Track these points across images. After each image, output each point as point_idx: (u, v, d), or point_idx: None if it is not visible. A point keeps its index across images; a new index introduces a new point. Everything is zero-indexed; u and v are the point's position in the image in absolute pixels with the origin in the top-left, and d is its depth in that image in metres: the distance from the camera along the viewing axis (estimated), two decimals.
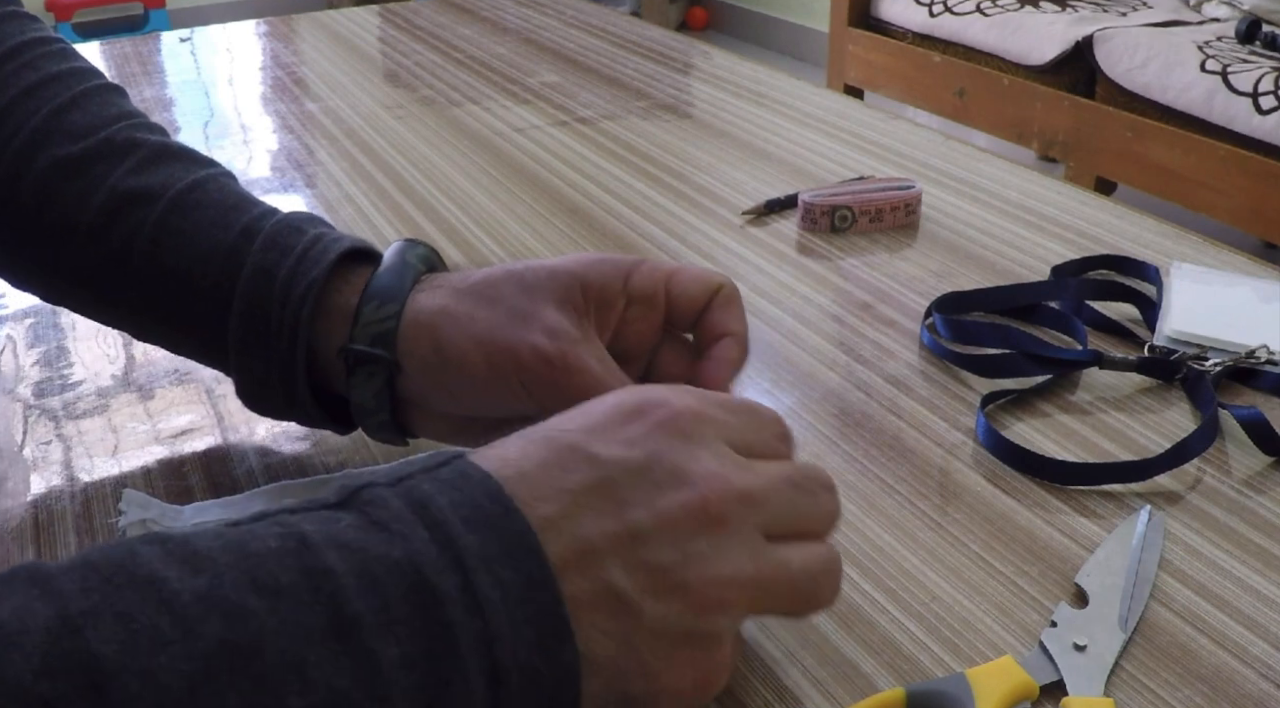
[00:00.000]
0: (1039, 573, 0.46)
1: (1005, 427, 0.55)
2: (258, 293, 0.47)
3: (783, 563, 0.36)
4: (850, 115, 1.02)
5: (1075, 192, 0.85)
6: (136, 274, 0.50)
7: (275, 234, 0.49)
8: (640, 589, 0.34)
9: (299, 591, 0.30)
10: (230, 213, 0.50)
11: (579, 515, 0.34)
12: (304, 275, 0.47)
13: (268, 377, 0.48)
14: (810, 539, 0.38)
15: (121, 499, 0.49)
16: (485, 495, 0.34)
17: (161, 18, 4.29)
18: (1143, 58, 2.29)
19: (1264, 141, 2.07)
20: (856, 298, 0.69)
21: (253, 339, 0.48)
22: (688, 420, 0.37)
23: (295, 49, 1.29)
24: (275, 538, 0.31)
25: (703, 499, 0.35)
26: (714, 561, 0.35)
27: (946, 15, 2.75)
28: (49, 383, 0.61)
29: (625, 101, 1.07)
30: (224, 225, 0.49)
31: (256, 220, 0.50)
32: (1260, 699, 0.40)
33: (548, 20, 1.37)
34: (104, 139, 0.52)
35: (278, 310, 0.47)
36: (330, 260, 0.47)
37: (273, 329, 0.47)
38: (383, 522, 0.32)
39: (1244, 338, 0.60)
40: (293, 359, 0.47)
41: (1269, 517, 0.49)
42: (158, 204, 0.50)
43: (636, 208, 0.82)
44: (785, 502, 0.37)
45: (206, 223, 0.49)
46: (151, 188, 0.50)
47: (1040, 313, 0.65)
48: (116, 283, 0.51)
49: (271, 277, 0.47)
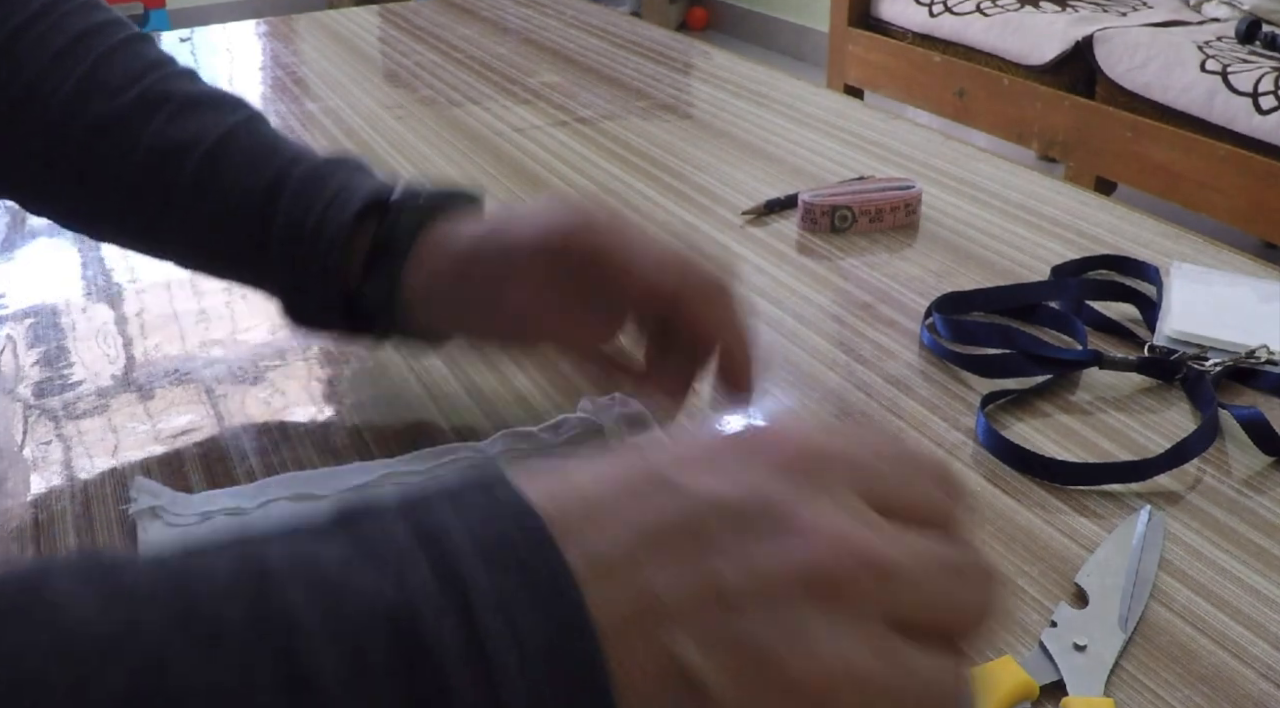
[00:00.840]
0: (1039, 573, 0.46)
1: (1005, 427, 0.55)
2: (290, 245, 0.53)
3: (909, 668, 0.27)
4: (850, 115, 1.02)
5: (1075, 192, 0.85)
6: (178, 223, 0.55)
7: (300, 189, 0.53)
8: (718, 670, 0.26)
9: (241, 636, 0.24)
10: (259, 163, 0.54)
11: (647, 561, 0.27)
12: (329, 232, 0.52)
13: (310, 308, 0.55)
14: (945, 641, 0.28)
15: (132, 486, 0.50)
16: (517, 527, 0.26)
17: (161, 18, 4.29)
18: (1143, 58, 2.29)
19: (1264, 141, 2.07)
20: (856, 298, 0.69)
21: (292, 283, 0.54)
22: (813, 459, 0.29)
23: (295, 49, 1.29)
24: (228, 569, 0.25)
25: (817, 560, 0.27)
26: (822, 643, 0.26)
27: (946, 15, 2.75)
28: (49, 383, 0.61)
29: (625, 101, 1.07)
30: (255, 174, 0.54)
31: (286, 168, 0.54)
32: (1260, 699, 0.40)
33: (548, 20, 1.37)
34: (138, 95, 0.55)
35: (309, 259, 0.53)
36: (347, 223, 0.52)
37: (308, 272, 0.53)
38: (378, 554, 0.26)
39: (1244, 338, 0.60)
40: (328, 295, 0.53)
41: (1269, 517, 0.49)
42: (192, 156, 0.54)
43: (636, 208, 0.82)
44: (929, 585, 0.28)
45: (238, 175, 0.54)
46: (184, 142, 0.54)
47: (1040, 313, 0.65)
48: (159, 230, 0.57)
49: (301, 227, 0.53)
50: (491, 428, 0.55)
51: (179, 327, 0.66)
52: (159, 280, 0.72)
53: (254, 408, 0.58)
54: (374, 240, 0.53)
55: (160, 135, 0.54)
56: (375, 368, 0.61)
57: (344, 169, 0.55)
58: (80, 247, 0.78)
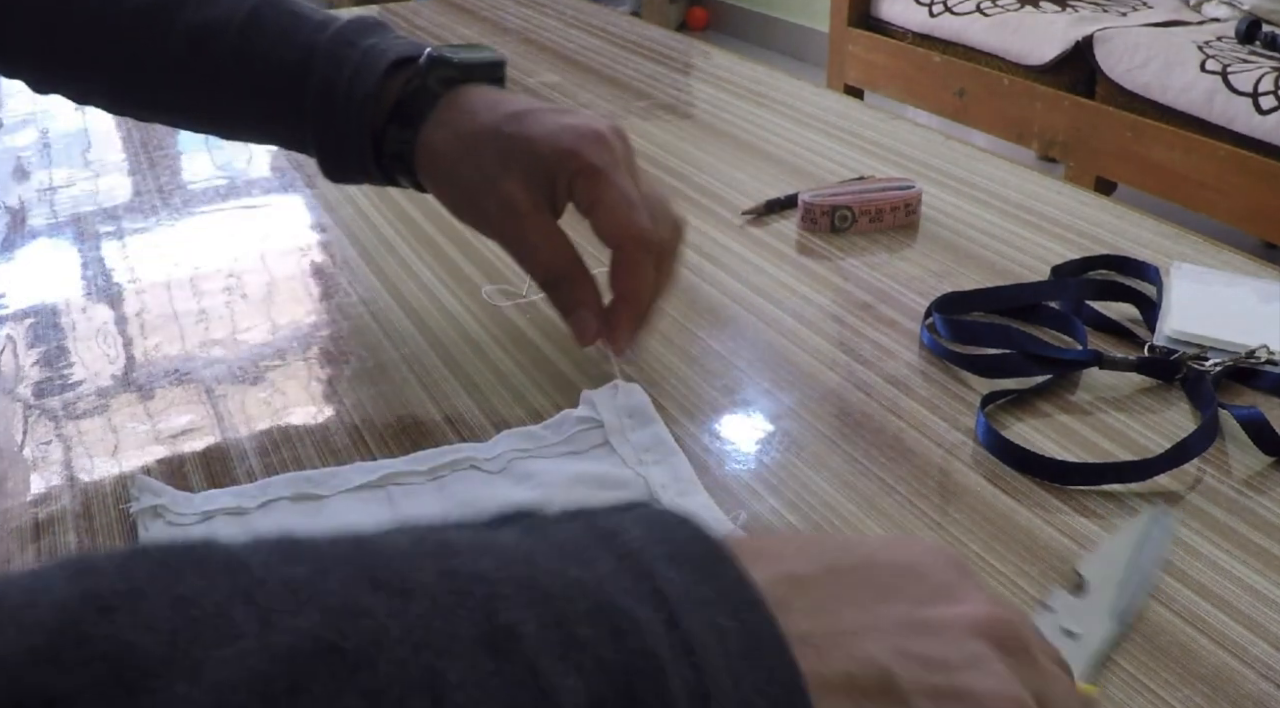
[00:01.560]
0: (1039, 573, 0.46)
1: (1005, 427, 0.55)
2: (325, 102, 0.58)
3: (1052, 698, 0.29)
4: (850, 115, 1.02)
5: (1075, 191, 0.85)
6: (221, 95, 0.61)
7: (332, 49, 0.59)
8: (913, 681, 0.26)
9: (436, 592, 0.22)
10: (289, 33, 0.60)
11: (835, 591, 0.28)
12: (360, 88, 0.58)
13: (346, 163, 0.60)
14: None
15: (133, 485, 0.50)
16: (690, 536, 0.27)
17: None
18: (1143, 58, 2.29)
19: (1264, 141, 2.07)
20: (856, 298, 0.69)
21: (330, 138, 0.59)
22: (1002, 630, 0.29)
23: None
24: (407, 540, 0.24)
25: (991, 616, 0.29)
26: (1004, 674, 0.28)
27: (946, 15, 2.75)
28: (49, 383, 0.61)
29: (625, 101, 1.07)
30: (286, 43, 0.59)
31: (314, 35, 0.60)
32: (1260, 699, 0.40)
33: (548, 20, 1.37)
34: None
35: (342, 116, 0.58)
36: (379, 72, 0.58)
37: (341, 130, 0.59)
38: (556, 541, 0.26)
39: (1244, 338, 0.60)
40: (364, 149, 0.59)
41: (1269, 517, 0.49)
42: (228, 32, 0.60)
43: None
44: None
45: (273, 43, 0.60)
46: (219, 19, 0.60)
47: (1040, 313, 0.65)
48: (203, 104, 0.63)
49: (333, 87, 0.58)
50: (492, 428, 0.55)
51: (179, 327, 0.66)
52: (159, 280, 0.72)
53: (254, 408, 0.58)
54: (402, 93, 0.58)
55: (195, 16, 0.60)
56: (375, 368, 0.61)
57: (372, 31, 0.61)
58: (80, 247, 0.78)
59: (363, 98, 0.58)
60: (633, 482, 0.51)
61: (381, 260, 0.74)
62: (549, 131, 0.55)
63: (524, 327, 0.65)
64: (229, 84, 0.61)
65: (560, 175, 0.55)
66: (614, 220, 0.54)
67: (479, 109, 0.58)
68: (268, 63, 0.59)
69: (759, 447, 0.55)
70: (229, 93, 0.61)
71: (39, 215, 0.83)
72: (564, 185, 0.55)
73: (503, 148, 0.56)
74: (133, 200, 0.85)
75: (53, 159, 0.93)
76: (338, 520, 0.48)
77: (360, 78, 0.58)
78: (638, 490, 0.50)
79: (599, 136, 0.55)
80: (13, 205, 0.85)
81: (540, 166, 0.55)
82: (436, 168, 0.58)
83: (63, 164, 0.92)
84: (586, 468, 0.52)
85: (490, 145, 0.56)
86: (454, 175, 0.57)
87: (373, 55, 0.59)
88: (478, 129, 0.57)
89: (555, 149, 0.55)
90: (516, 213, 0.55)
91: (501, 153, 0.55)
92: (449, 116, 0.58)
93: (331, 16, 0.62)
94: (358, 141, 0.59)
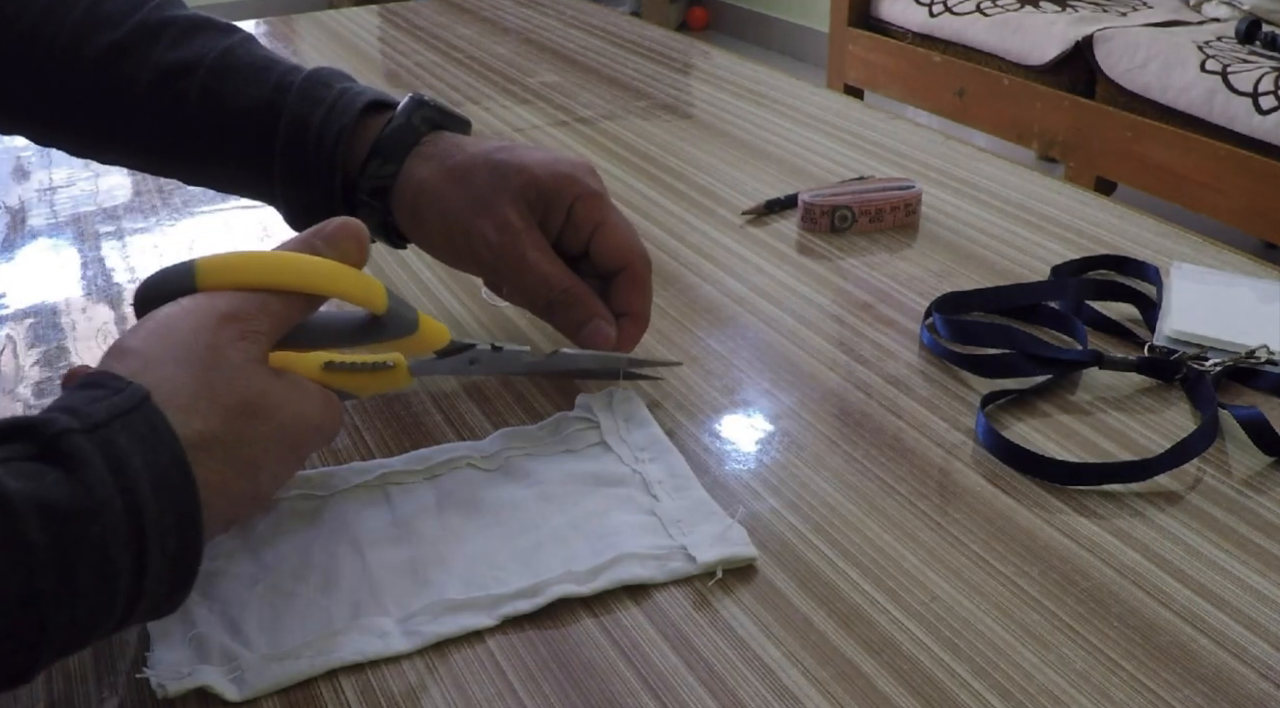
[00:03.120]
0: (1039, 573, 0.46)
1: (1005, 427, 0.55)
2: (296, 138, 0.58)
3: None
4: (850, 115, 1.02)
5: (1075, 191, 0.85)
6: (188, 135, 0.60)
7: (306, 88, 0.58)
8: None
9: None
10: (261, 73, 0.59)
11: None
12: (335, 123, 0.57)
13: (311, 203, 0.59)
14: None
15: None
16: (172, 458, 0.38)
17: None
18: (1143, 58, 2.29)
19: (1264, 141, 2.07)
20: (856, 298, 0.69)
21: (297, 176, 0.58)
22: None
23: (295, 49, 1.29)
24: None
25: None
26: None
27: (946, 15, 2.75)
28: (49, 383, 0.61)
29: (625, 101, 1.07)
30: (258, 82, 0.59)
31: (286, 76, 0.59)
32: (1260, 699, 0.40)
33: (548, 20, 1.37)
34: (139, 22, 0.60)
35: (314, 152, 0.57)
36: (356, 111, 0.58)
37: (311, 167, 0.58)
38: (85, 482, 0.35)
39: (1244, 338, 0.60)
40: (331, 188, 0.58)
41: (1269, 517, 0.49)
42: (198, 72, 0.59)
43: (636, 208, 0.82)
44: None
45: (242, 83, 0.59)
46: (189, 60, 0.59)
47: (1040, 313, 0.65)
48: (169, 145, 0.62)
49: (306, 125, 0.58)
50: (491, 429, 0.55)
51: None
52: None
53: None
54: (380, 134, 0.58)
55: (165, 57, 0.59)
56: None
57: (343, 77, 0.61)
58: (80, 247, 0.78)
59: (338, 132, 0.57)
60: (629, 478, 0.51)
61: (381, 260, 0.74)
62: (543, 161, 0.57)
63: (524, 327, 0.65)
64: (198, 122, 0.60)
65: (559, 199, 0.56)
66: (620, 240, 0.57)
67: (465, 144, 0.58)
68: (239, 101, 0.59)
69: (759, 447, 0.55)
70: (198, 131, 0.60)
71: (39, 215, 0.83)
72: (561, 209, 0.56)
73: (496, 174, 0.56)
74: (133, 200, 0.85)
75: (53, 159, 0.93)
76: (337, 521, 0.49)
77: (335, 115, 0.58)
78: (634, 487, 0.50)
79: (590, 168, 0.58)
80: (13, 205, 0.85)
81: (538, 190, 0.56)
82: (421, 200, 0.57)
83: (63, 164, 0.92)
84: (583, 466, 0.52)
85: (482, 173, 0.56)
86: (441, 206, 0.57)
87: (348, 96, 0.59)
88: (467, 160, 0.57)
89: (554, 174, 0.56)
90: (515, 231, 0.56)
91: (495, 179, 0.56)
92: (434, 151, 0.58)
93: (302, 65, 0.61)
94: (328, 180, 0.58)
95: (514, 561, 0.46)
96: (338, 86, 0.59)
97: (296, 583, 0.45)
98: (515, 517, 0.49)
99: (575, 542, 0.47)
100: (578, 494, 0.50)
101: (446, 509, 0.49)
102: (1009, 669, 0.41)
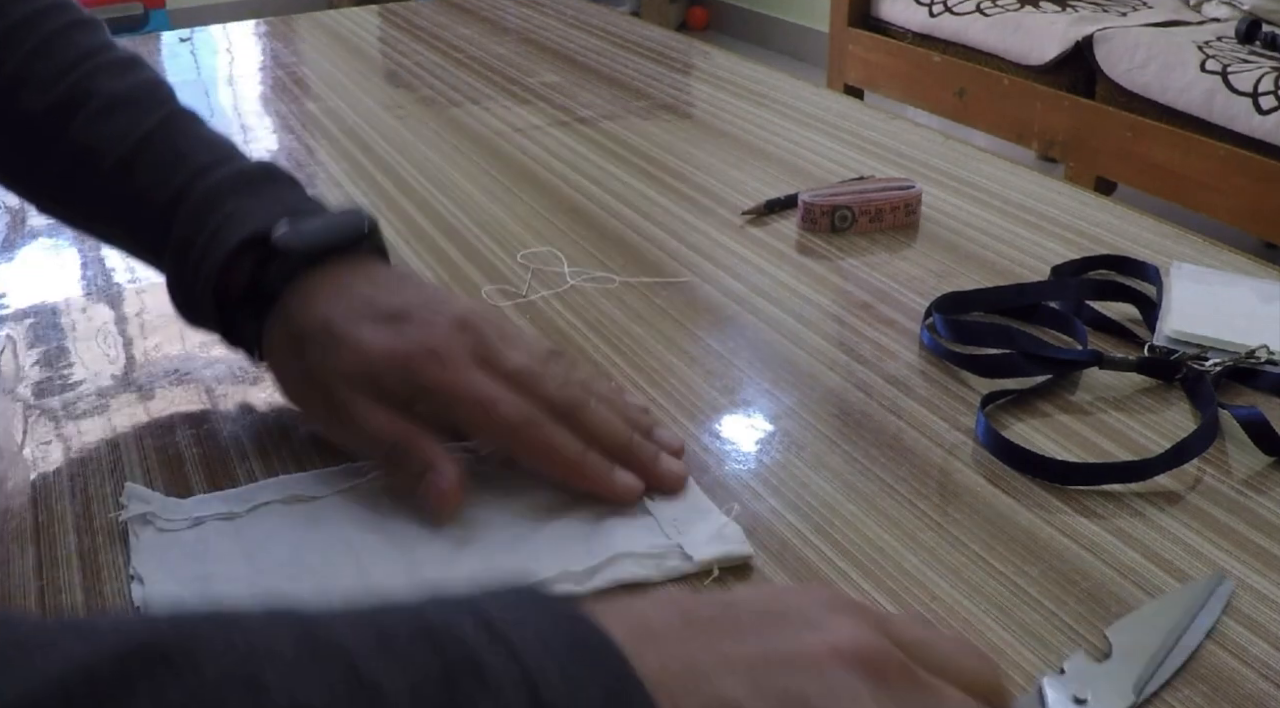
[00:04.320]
0: (1039, 573, 0.46)
1: (1005, 427, 0.55)
2: (180, 256, 0.55)
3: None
4: (850, 115, 1.02)
5: (1075, 192, 0.85)
6: (97, 219, 0.61)
7: (198, 205, 0.55)
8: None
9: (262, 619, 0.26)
10: (167, 175, 0.56)
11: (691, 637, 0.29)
12: (210, 259, 0.54)
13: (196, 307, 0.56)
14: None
15: (123, 493, 0.50)
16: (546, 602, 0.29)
17: (161, 18, 4.28)
18: (1143, 58, 2.29)
19: (1264, 141, 2.07)
20: (856, 298, 0.69)
21: (183, 285, 0.56)
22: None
23: (295, 49, 1.29)
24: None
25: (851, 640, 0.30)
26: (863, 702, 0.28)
27: (946, 15, 2.75)
28: (49, 383, 0.61)
29: (625, 101, 1.07)
30: (160, 186, 0.56)
31: (187, 186, 0.56)
32: (1260, 699, 0.40)
33: (548, 20, 1.37)
34: (65, 90, 0.58)
35: (191, 279, 0.55)
36: (229, 249, 0.53)
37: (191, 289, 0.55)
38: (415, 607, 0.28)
39: (1244, 338, 0.60)
40: (209, 319, 0.56)
41: (1269, 517, 0.49)
42: (106, 162, 0.57)
43: (636, 208, 0.82)
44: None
45: (145, 186, 0.57)
46: (99, 148, 0.57)
47: (1040, 313, 0.65)
48: (82, 225, 0.63)
49: (187, 248, 0.54)
50: None
51: (179, 327, 0.66)
52: (159, 280, 0.72)
53: (254, 408, 0.58)
54: (248, 280, 0.53)
55: (79, 137, 0.58)
56: None
57: (241, 192, 0.55)
58: (80, 247, 0.78)
59: (208, 273, 0.54)
60: None
61: None
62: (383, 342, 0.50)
63: (524, 327, 0.65)
64: (101, 214, 0.60)
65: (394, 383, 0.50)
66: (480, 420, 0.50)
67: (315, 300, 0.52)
68: (140, 203, 0.57)
69: (759, 447, 0.55)
70: (102, 222, 0.60)
71: (39, 215, 0.83)
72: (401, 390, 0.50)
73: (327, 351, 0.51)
74: None
75: None
76: (329, 523, 0.48)
77: (213, 248, 0.54)
78: None
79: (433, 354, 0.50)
80: (13, 205, 0.85)
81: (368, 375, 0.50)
82: (270, 359, 0.54)
83: None
84: None
85: (315, 344, 0.51)
86: (282, 372, 0.54)
87: (226, 229, 0.53)
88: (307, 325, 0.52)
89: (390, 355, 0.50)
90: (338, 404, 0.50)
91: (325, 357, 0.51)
92: (286, 311, 0.52)
93: (225, 154, 0.58)
94: (207, 306, 0.55)
95: (511, 561, 0.46)
96: (225, 210, 0.54)
97: (291, 586, 0.45)
98: (511, 517, 0.49)
99: (572, 541, 0.47)
100: (573, 494, 0.50)
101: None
102: (1009, 670, 0.41)
